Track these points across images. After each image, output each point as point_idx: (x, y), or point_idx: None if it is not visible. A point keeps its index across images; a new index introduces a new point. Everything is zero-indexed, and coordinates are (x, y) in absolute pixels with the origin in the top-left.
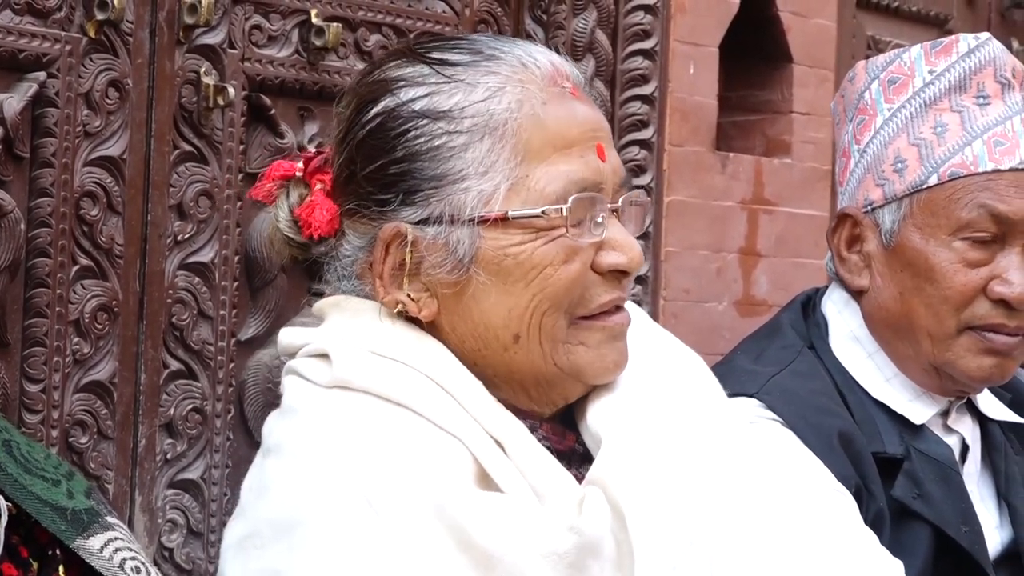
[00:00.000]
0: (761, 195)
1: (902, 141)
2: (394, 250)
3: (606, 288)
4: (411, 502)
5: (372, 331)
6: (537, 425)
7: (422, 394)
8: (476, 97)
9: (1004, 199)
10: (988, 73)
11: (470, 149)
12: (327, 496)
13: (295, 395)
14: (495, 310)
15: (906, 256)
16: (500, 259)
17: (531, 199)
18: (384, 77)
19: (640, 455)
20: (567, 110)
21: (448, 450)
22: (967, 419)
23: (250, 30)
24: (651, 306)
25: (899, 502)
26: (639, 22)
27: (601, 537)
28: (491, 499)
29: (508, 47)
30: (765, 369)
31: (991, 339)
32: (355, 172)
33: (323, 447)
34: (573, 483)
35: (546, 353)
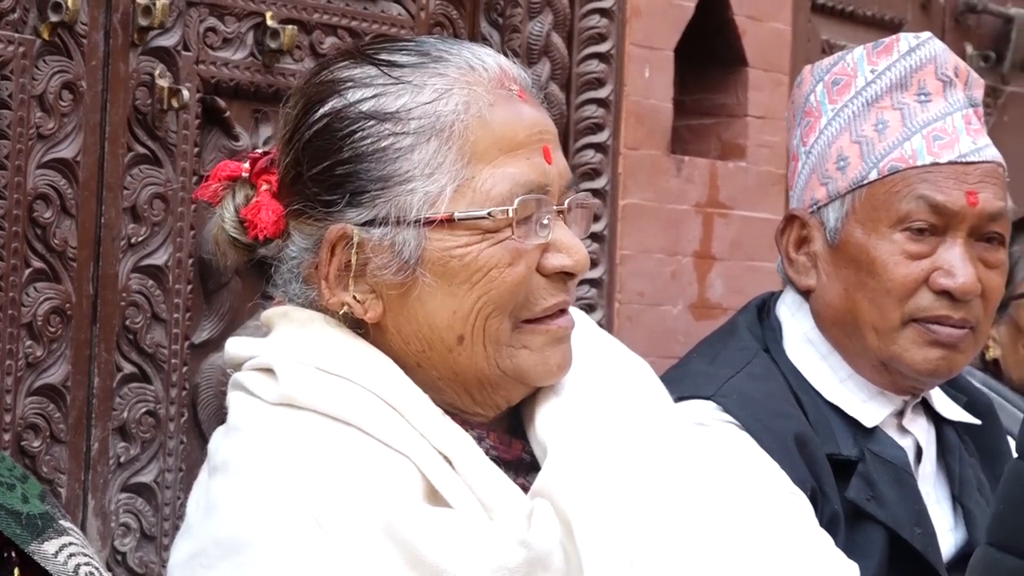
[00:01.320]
0: (716, 199)
1: (845, 140)
2: (340, 251)
3: (551, 291)
4: (359, 520)
5: (318, 345)
6: (484, 435)
7: (369, 412)
8: (423, 99)
9: (942, 190)
10: (929, 71)
11: (416, 151)
12: (275, 516)
13: (241, 412)
14: (440, 312)
15: (849, 252)
16: (446, 261)
17: (477, 201)
18: (332, 78)
19: (586, 465)
20: (514, 112)
21: (395, 468)
22: (922, 420)
23: (205, 32)
24: (606, 309)
25: (853, 504)
26: (595, 26)
27: (550, 551)
28: (439, 515)
29: (456, 49)
30: (721, 372)
31: (936, 331)
32: (301, 173)
33: (270, 466)
34: (521, 496)
35: (489, 355)
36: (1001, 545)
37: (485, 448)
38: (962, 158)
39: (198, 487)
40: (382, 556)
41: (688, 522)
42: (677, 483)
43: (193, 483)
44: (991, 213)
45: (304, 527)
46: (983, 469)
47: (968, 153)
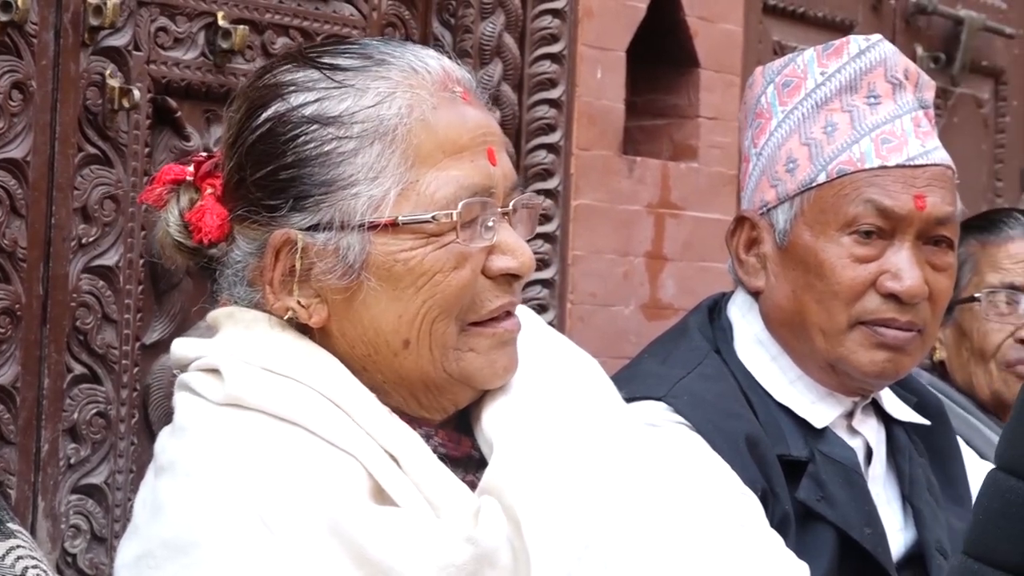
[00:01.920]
0: (668, 199)
1: (794, 142)
2: (284, 256)
3: (497, 293)
4: (305, 520)
5: (264, 345)
6: (432, 432)
7: (315, 412)
8: (366, 102)
9: (890, 194)
10: (879, 73)
11: (360, 154)
12: (221, 516)
13: (187, 413)
14: (385, 316)
15: (798, 254)
16: (390, 265)
17: (421, 204)
18: (275, 82)
19: (533, 461)
20: (458, 114)
21: (342, 467)
22: (872, 421)
23: (156, 32)
24: (558, 310)
25: (803, 504)
26: (547, 26)
27: (497, 547)
28: (386, 513)
29: (399, 51)
30: (672, 372)
31: (882, 333)
32: (245, 177)
33: (216, 467)
34: (468, 494)
35: (436, 359)
36: (978, 556)
37: (433, 446)
38: (910, 161)
39: (145, 487)
40: (329, 555)
41: (637, 520)
42: (626, 481)
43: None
44: (939, 217)
45: (250, 527)
46: (933, 469)
47: (916, 156)
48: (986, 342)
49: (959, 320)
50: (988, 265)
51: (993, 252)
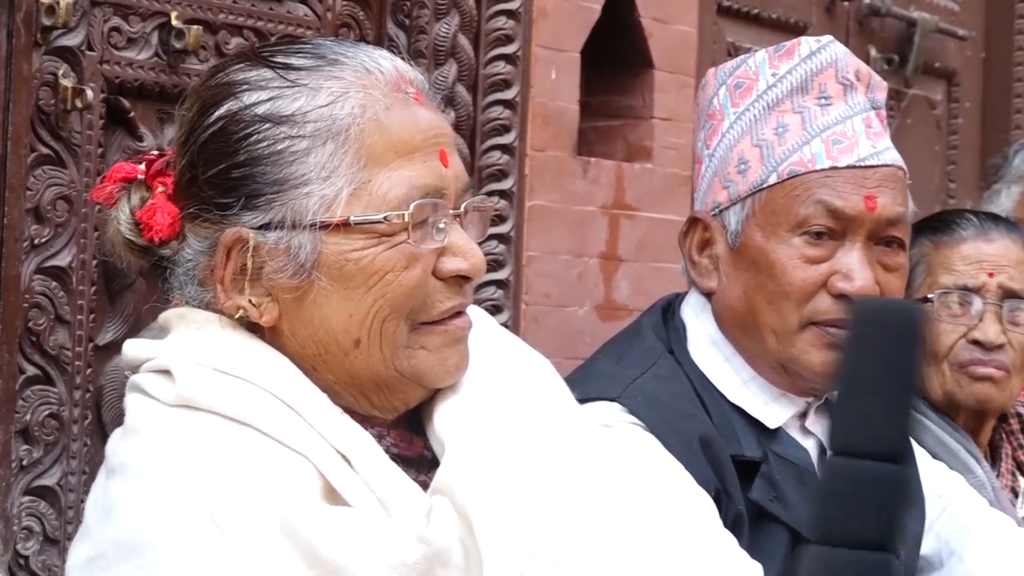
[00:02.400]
0: (622, 200)
1: (746, 143)
2: (235, 255)
3: (448, 294)
4: (257, 520)
5: (215, 346)
6: (385, 432)
7: (266, 412)
8: (319, 102)
9: (841, 195)
10: (830, 74)
11: (312, 154)
12: (173, 517)
13: (139, 414)
14: (336, 315)
15: (750, 255)
16: (342, 264)
17: (373, 204)
18: (227, 80)
19: (484, 461)
20: (410, 115)
21: (293, 467)
22: (825, 421)
23: (109, 32)
24: (512, 310)
25: (757, 505)
26: (501, 27)
27: (449, 546)
28: (337, 513)
29: (352, 52)
30: (626, 373)
31: (834, 334)
32: (197, 176)
33: (168, 468)
34: (420, 493)
35: (387, 358)
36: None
37: (386, 446)
38: (861, 162)
39: (96, 489)
40: (280, 555)
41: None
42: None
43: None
44: (889, 217)
45: (202, 528)
46: None
47: (867, 157)
48: (939, 343)
49: None
50: (941, 266)
51: (946, 253)
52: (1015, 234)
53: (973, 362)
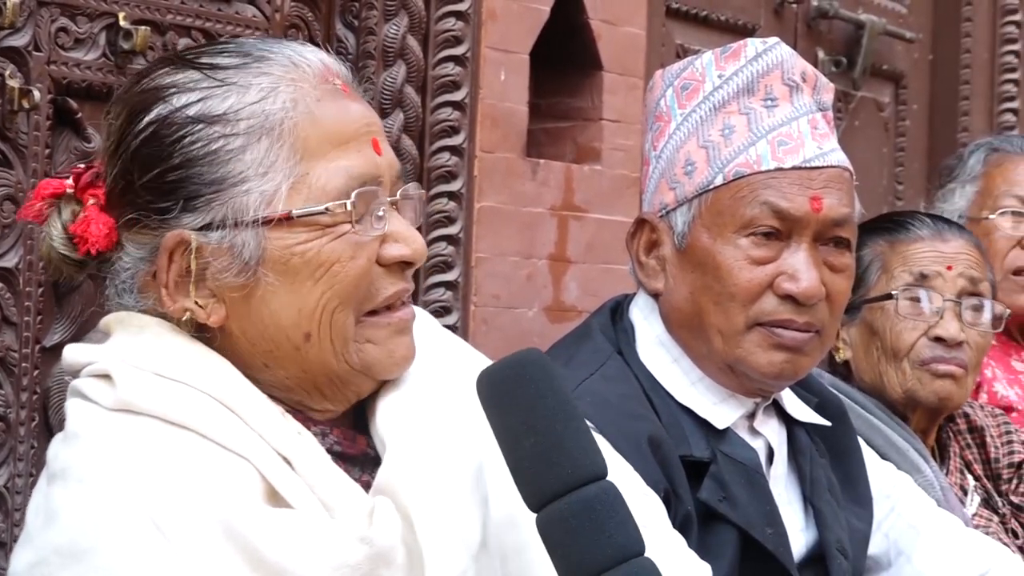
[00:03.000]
0: (571, 201)
1: (692, 144)
2: (178, 258)
3: (392, 280)
4: (199, 523)
5: (156, 350)
6: (328, 430)
7: (207, 416)
8: (250, 98)
9: (786, 196)
10: (776, 76)
11: (248, 151)
12: (114, 522)
13: (79, 419)
14: (285, 311)
15: (696, 256)
16: (287, 259)
17: (314, 196)
18: (154, 85)
19: (426, 460)
20: (341, 107)
21: (234, 470)
22: (773, 422)
23: (56, 32)
24: (461, 312)
25: (706, 505)
26: (450, 28)
27: (392, 546)
28: (280, 515)
29: (277, 47)
30: (575, 374)
31: (780, 335)
32: (132, 182)
33: (109, 473)
34: (362, 494)
35: (338, 351)
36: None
37: (328, 444)
38: (807, 163)
39: (37, 494)
40: (223, 558)
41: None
42: None
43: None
44: (835, 218)
45: (144, 532)
46: (834, 469)
47: (813, 158)
48: (900, 341)
49: (868, 320)
50: (898, 263)
51: (903, 251)
52: (968, 235)
53: (935, 359)
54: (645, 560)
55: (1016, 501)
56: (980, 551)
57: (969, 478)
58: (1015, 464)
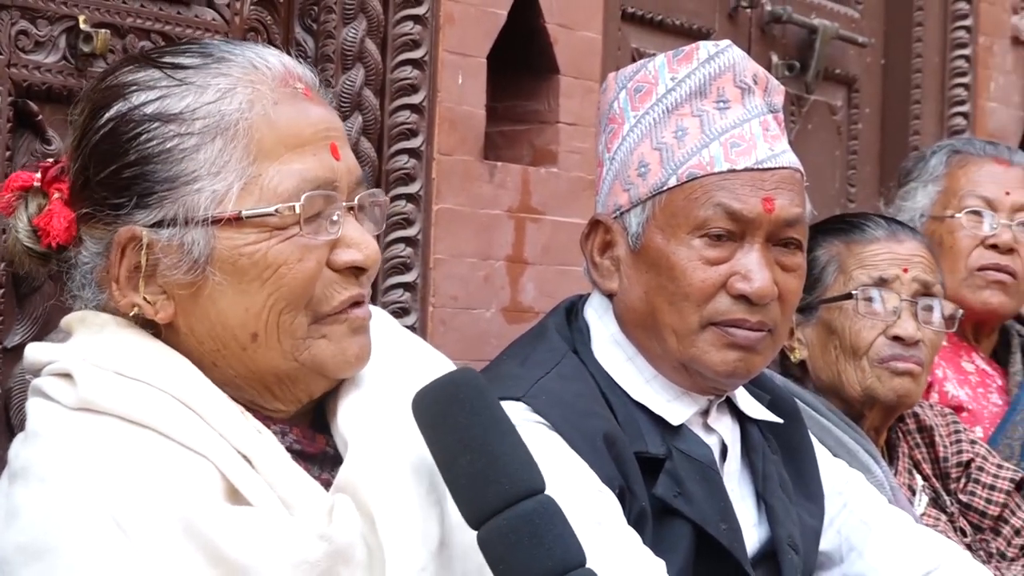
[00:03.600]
0: (528, 204)
1: (646, 146)
2: (129, 253)
3: (344, 285)
4: (159, 521)
5: (115, 349)
6: (288, 429)
7: (167, 415)
8: (207, 99)
9: (739, 198)
10: (728, 78)
11: (202, 150)
12: (76, 520)
13: (40, 418)
14: (232, 310)
15: (650, 257)
16: (235, 259)
17: (264, 198)
18: (116, 83)
19: (386, 459)
20: (299, 110)
21: (195, 468)
22: (727, 419)
23: (16, 35)
24: (420, 313)
25: (661, 501)
26: (408, 32)
27: (351, 543)
28: (239, 513)
29: (239, 50)
30: (531, 373)
31: (733, 334)
32: (89, 178)
33: (70, 471)
34: (321, 492)
35: (286, 350)
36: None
37: (288, 443)
38: (759, 164)
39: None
40: (183, 555)
41: None
42: None
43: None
44: (787, 219)
45: (105, 530)
46: (786, 466)
47: (765, 160)
48: (859, 339)
49: (826, 319)
50: (855, 264)
51: (859, 252)
52: (919, 237)
53: (894, 357)
54: (586, 571)
55: (964, 500)
56: (930, 547)
57: (918, 477)
58: (963, 463)
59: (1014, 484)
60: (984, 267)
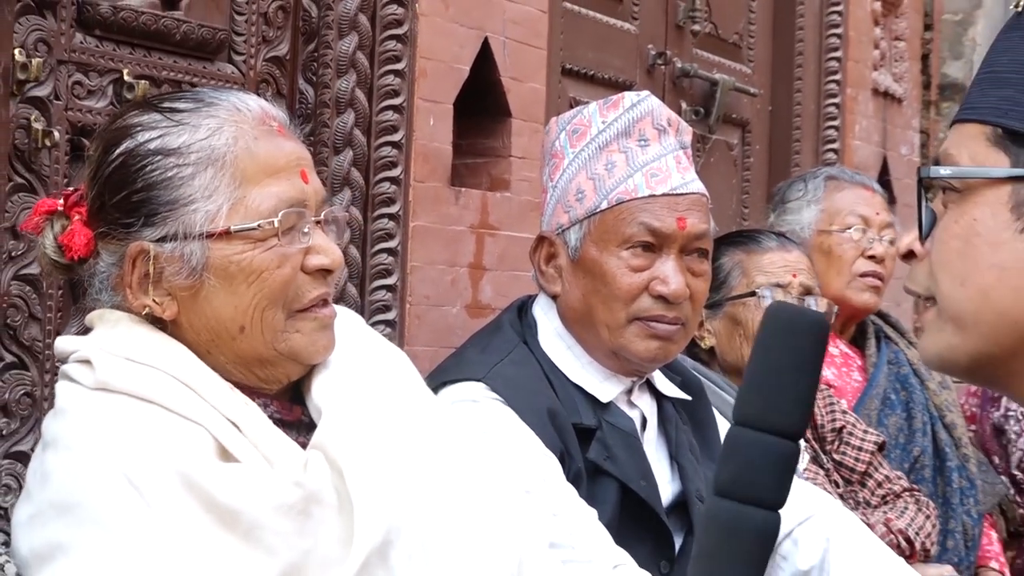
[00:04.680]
0: (487, 222)
1: (582, 177)
2: (139, 263)
3: (315, 285)
4: (162, 477)
5: (127, 340)
6: (269, 402)
7: (168, 392)
8: (200, 136)
9: (658, 217)
10: (647, 122)
11: (197, 178)
12: (96, 480)
13: (66, 397)
14: (224, 308)
15: (587, 266)
16: (226, 266)
17: (249, 215)
18: (124, 124)
19: (353, 423)
20: (275, 144)
21: (192, 434)
22: (646, 396)
23: (72, 85)
24: (399, 309)
25: (593, 463)
26: (390, 83)
27: (322, 488)
28: (229, 468)
29: (224, 95)
30: (489, 359)
31: (654, 327)
32: (104, 203)
33: (90, 440)
34: (299, 450)
35: (267, 341)
36: (730, 495)
37: (270, 412)
38: (674, 191)
39: (35, 460)
40: (184, 504)
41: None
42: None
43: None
44: (696, 233)
45: (120, 487)
46: (694, 434)
47: (678, 186)
48: None
49: (732, 313)
50: (755, 269)
51: (758, 259)
52: (801, 247)
53: None
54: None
55: (837, 459)
56: (810, 497)
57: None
58: (837, 429)
59: (876, 446)
60: (865, 274)
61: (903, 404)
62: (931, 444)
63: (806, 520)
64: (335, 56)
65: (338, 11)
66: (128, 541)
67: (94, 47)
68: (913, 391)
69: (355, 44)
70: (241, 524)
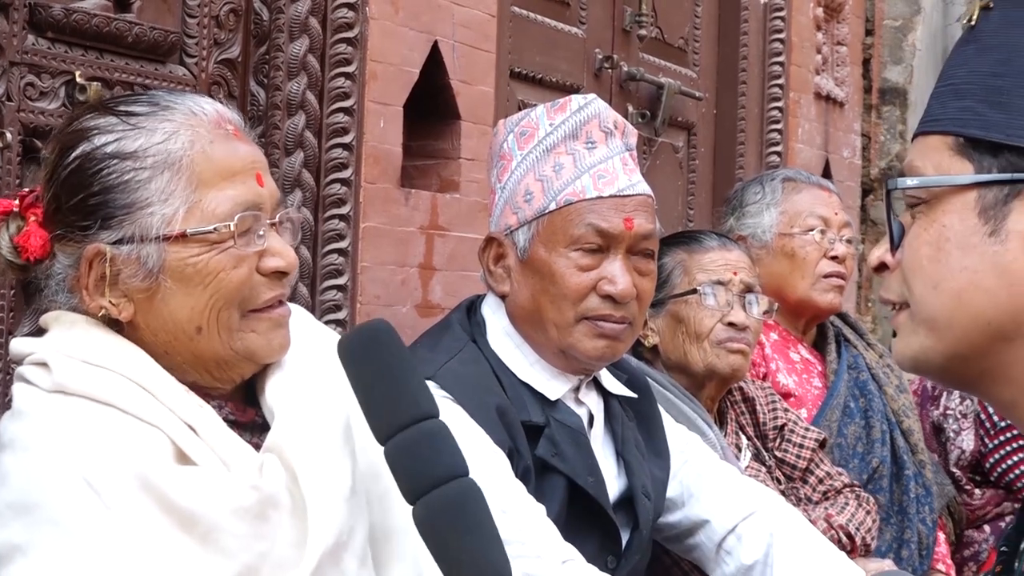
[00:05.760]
0: (436, 222)
1: (530, 178)
2: (96, 265)
3: (270, 286)
4: (120, 479)
5: (83, 342)
6: (224, 404)
7: (125, 395)
8: (156, 140)
9: (605, 218)
10: (594, 124)
11: (153, 181)
12: (54, 481)
13: (23, 399)
14: (180, 309)
15: (535, 266)
16: (182, 268)
17: (205, 219)
18: (81, 127)
19: (305, 425)
20: (230, 147)
21: (149, 437)
22: (593, 394)
23: (25, 87)
24: (350, 309)
25: (541, 459)
26: (340, 86)
27: (278, 491)
28: (186, 471)
29: (180, 99)
30: (439, 357)
31: (602, 326)
32: (61, 205)
33: (48, 442)
34: (253, 453)
35: (224, 340)
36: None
37: (224, 414)
38: (620, 192)
39: None
40: (141, 506)
41: None
42: None
43: None
44: (643, 234)
45: (78, 489)
46: (639, 430)
47: (625, 188)
48: (701, 326)
49: (674, 311)
50: (697, 268)
51: (699, 258)
52: (741, 247)
53: (730, 339)
54: (470, 480)
55: (779, 456)
56: (753, 493)
57: (743, 438)
58: (779, 427)
59: (817, 443)
60: (828, 275)
61: (862, 412)
62: (889, 453)
63: (749, 516)
64: (286, 59)
65: (289, 14)
66: (87, 542)
67: (46, 49)
68: (872, 398)
69: (306, 47)
70: (199, 527)
